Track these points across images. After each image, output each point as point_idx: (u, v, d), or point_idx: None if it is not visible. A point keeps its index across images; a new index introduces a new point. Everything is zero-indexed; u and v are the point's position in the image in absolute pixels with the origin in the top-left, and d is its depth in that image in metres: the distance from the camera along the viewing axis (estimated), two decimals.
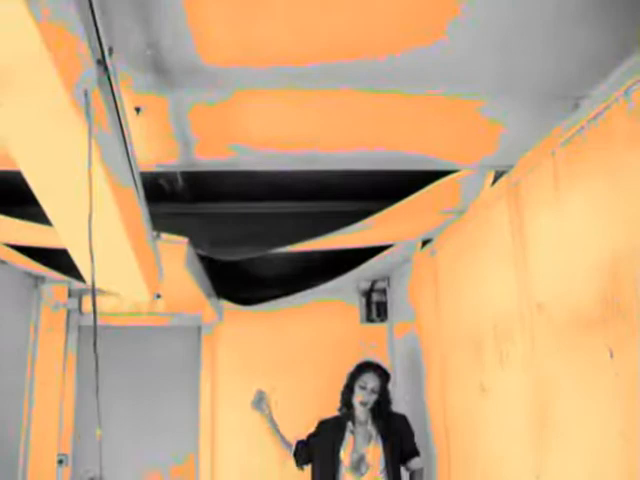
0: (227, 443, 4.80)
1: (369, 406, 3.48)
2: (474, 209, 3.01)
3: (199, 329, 4.94)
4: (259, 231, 2.68)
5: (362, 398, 3.45)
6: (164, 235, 2.31)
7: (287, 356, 4.84)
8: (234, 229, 2.64)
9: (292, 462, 3.57)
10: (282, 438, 3.59)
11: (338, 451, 3.42)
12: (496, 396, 2.77)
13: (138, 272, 1.86)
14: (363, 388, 3.48)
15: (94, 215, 1.58)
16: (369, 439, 3.45)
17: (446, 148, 2.29)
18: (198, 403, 4.85)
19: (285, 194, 2.82)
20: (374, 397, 3.48)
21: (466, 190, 2.79)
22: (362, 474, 3.37)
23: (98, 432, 1.27)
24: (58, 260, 3.87)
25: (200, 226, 2.62)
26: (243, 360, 4.82)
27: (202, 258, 3.16)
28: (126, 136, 1.60)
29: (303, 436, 3.64)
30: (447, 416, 3.47)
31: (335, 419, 3.59)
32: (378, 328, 4.91)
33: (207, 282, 3.44)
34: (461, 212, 3.13)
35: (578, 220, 2.09)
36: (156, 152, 2.07)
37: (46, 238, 2.60)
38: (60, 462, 4.67)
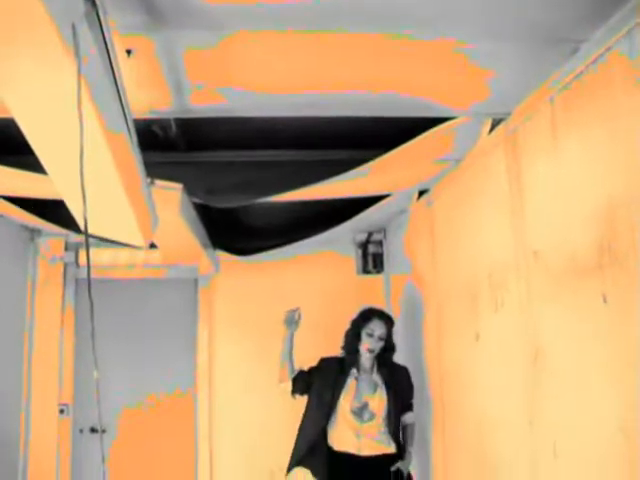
0: (223, 386, 4.88)
1: (375, 353, 3.46)
2: (471, 158, 2.99)
3: (196, 281, 4.97)
4: (255, 179, 2.65)
5: (370, 345, 3.44)
6: (158, 181, 2.29)
7: (284, 307, 4.87)
8: (229, 177, 2.62)
9: (285, 387, 3.57)
10: (291, 359, 3.57)
11: (339, 394, 3.40)
12: (490, 343, 2.80)
13: (132, 218, 1.85)
14: (370, 335, 3.45)
15: (87, 160, 1.56)
16: (374, 388, 3.44)
17: (438, 91, 2.24)
18: (195, 353, 4.92)
19: (281, 142, 2.78)
20: (381, 344, 3.46)
21: (462, 138, 2.76)
22: (364, 421, 3.37)
23: (95, 374, 1.28)
24: (54, 213, 3.86)
25: (195, 175, 2.59)
26: (239, 311, 4.87)
27: (197, 208, 3.14)
28: (117, 78, 1.56)
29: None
30: (442, 365, 3.51)
31: (338, 361, 3.56)
32: (374, 279, 4.94)
33: (203, 232, 3.43)
34: (458, 161, 3.11)
35: (575, 167, 2.07)
36: (149, 97, 2.04)
37: (41, 188, 2.59)
38: (62, 412, 4.74)
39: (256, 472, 4.73)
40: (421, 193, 3.83)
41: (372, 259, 4.92)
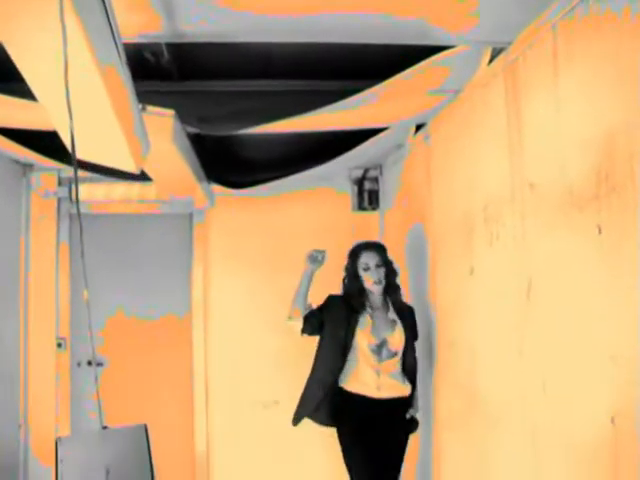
0: (218, 316, 4.92)
1: (383, 283, 3.34)
2: (470, 89, 2.93)
3: (191, 216, 4.95)
4: (249, 109, 2.60)
5: (372, 278, 3.33)
6: (150, 107, 2.24)
7: (278, 243, 4.89)
8: (223, 107, 2.56)
9: (295, 325, 3.39)
10: (306, 296, 3.37)
11: (354, 331, 3.27)
12: (484, 277, 2.82)
13: (123, 142, 1.81)
14: (367, 269, 3.34)
15: (76, 84, 1.52)
16: (392, 325, 3.35)
17: (435, 13, 2.16)
18: (190, 286, 4.95)
19: (275, 71, 2.71)
20: (382, 271, 3.35)
21: (461, 69, 2.70)
22: (382, 359, 3.27)
23: (85, 294, 1.28)
24: (47, 146, 3.80)
25: (188, 104, 2.54)
26: (234, 247, 4.87)
27: (191, 140, 3.09)
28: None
29: None
30: (437, 301, 3.54)
31: (346, 299, 3.41)
32: (370, 216, 4.94)
33: (197, 163, 3.39)
34: (456, 93, 3.05)
35: (575, 97, 2.03)
36: (138, 19, 1.97)
37: (33, 117, 2.53)
38: (59, 346, 4.80)
39: (248, 402, 4.82)
40: (418, 128, 3.78)
41: (368, 196, 4.90)
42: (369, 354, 3.27)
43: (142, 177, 3.51)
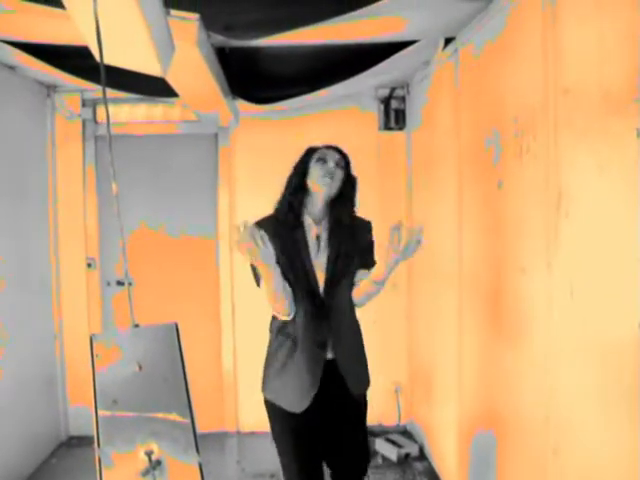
0: None
1: (334, 189, 2.58)
2: None
3: (216, 136, 4.92)
4: (275, 17, 2.51)
5: (322, 172, 2.56)
6: (174, 12, 2.19)
7: None
8: (249, 15, 2.47)
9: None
10: (285, 290, 2.50)
11: (310, 259, 2.58)
12: (513, 190, 2.77)
13: (149, 44, 1.77)
14: (323, 161, 2.59)
15: None
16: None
17: None
18: (216, 206, 4.98)
19: None
20: (340, 175, 2.60)
21: None
22: None
23: (114, 186, 1.28)
24: (71, 65, 3.77)
25: (213, 12, 2.45)
26: (259, 169, 4.85)
27: (216, 54, 3.03)
28: None
29: None
30: (464, 215, 3.51)
31: (279, 219, 2.63)
32: (396, 136, 4.87)
33: (222, 76, 3.32)
34: (488, 1, 2.93)
35: None
36: None
37: (58, 27, 2.48)
38: (89, 265, 4.90)
39: None
40: (446, 44, 3.65)
41: (394, 115, 4.81)
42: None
43: (167, 93, 3.47)
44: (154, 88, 3.74)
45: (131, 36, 1.72)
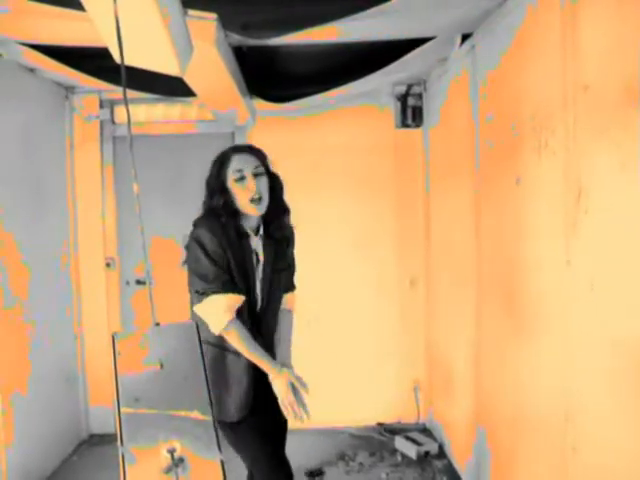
0: None
1: (264, 208, 2.40)
2: None
3: (232, 135, 4.94)
4: (292, 16, 2.51)
5: (249, 196, 2.36)
6: (191, 11, 2.20)
7: (322, 161, 4.87)
8: (266, 14, 2.48)
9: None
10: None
11: (254, 273, 2.47)
12: (532, 187, 2.76)
13: (167, 44, 1.78)
14: (241, 179, 2.37)
15: None
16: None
17: None
18: None
19: None
20: (264, 183, 2.42)
21: None
22: None
23: (135, 186, 1.29)
24: (90, 67, 3.80)
25: (231, 11, 2.46)
26: (277, 167, 4.84)
27: (234, 53, 3.04)
28: None
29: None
30: (482, 212, 3.49)
31: (222, 224, 2.42)
32: (413, 133, 4.86)
33: (239, 75, 3.33)
34: None
35: None
36: None
37: (78, 29, 2.50)
38: (108, 265, 4.95)
39: None
40: (463, 41, 3.63)
41: (411, 112, 4.80)
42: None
43: (184, 92, 3.49)
44: (172, 88, 3.77)
45: (150, 37, 1.74)
